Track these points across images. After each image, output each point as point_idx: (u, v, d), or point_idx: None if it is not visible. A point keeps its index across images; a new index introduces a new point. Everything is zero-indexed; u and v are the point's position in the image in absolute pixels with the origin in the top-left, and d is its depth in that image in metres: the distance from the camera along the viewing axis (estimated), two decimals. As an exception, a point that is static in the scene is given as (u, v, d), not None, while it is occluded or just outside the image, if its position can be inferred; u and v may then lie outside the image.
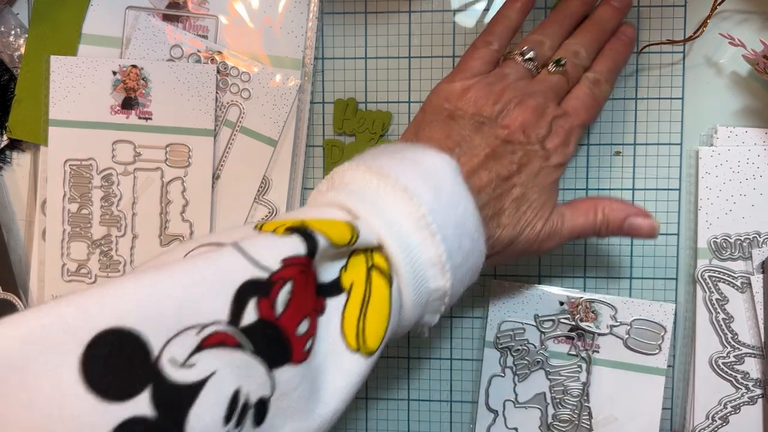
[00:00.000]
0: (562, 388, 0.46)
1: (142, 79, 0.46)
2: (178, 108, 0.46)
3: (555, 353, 0.47)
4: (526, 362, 0.46)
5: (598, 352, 0.46)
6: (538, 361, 0.46)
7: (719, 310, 0.45)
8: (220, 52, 0.47)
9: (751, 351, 0.45)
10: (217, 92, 0.46)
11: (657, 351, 0.46)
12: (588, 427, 0.46)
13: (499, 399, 0.47)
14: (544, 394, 0.47)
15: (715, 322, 0.45)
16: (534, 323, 0.46)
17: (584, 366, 0.46)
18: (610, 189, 0.46)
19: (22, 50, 0.48)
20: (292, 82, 0.47)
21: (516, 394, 0.47)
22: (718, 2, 0.43)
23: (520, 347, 0.46)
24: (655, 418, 0.46)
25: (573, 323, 0.46)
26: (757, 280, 0.44)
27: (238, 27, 0.47)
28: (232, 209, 0.48)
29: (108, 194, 0.47)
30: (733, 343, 0.45)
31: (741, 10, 0.45)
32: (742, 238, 0.45)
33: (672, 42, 0.45)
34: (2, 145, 0.49)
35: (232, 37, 0.47)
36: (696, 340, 0.45)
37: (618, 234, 0.40)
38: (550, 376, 0.46)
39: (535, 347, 0.47)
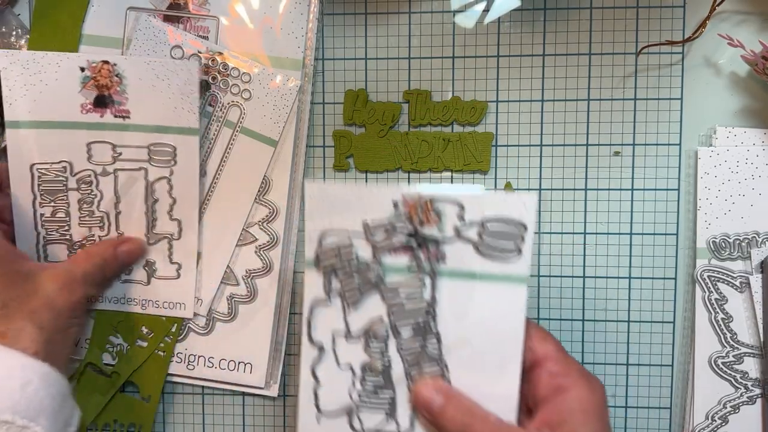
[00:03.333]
0: (403, 311, 0.38)
1: (116, 75, 0.44)
2: (159, 106, 0.44)
3: (392, 268, 0.38)
4: (356, 284, 0.38)
5: (444, 262, 0.38)
6: (372, 282, 0.38)
7: (718, 309, 0.45)
8: (220, 53, 0.47)
9: (750, 350, 0.45)
10: (211, 91, 0.46)
11: (516, 254, 0.38)
12: (437, 354, 0.39)
13: (327, 331, 0.39)
14: (381, 319, 0.39)
15: (714, 321, 0.45)
16: (364, 232, 0.38)
17: (428, 281, 0.38)
18: (609, 189, 0.47)
19: (24, 50, 0.48)
20: (293, 82, 0.47)
21: (347, 324, 0.39)
22: (717, 3, 0.43)
23: (348, 264, 0.38)
24: (517, 337, 0.38)
25: (411, 229, 0.38)
26: (756, 280, 0.44)
27: (239, 28, 0.47)
28: (233, 209, 0.48)
29: (86, 195, 0.45)
30: (732, 342, 0.45)
31: (740, 11, 0.45)
32: (741, 238, 0.45)
33: (671, 43, 0.45)
34: (4, 144, 0.49)
35: (233, 38, 0.47)
36: (695, 340, 0.45)
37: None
38: (386, 298, 0.38)
39: (367, 264, 0.38)
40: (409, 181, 0.48)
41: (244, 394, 0.50)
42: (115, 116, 0.44)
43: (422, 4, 0.47)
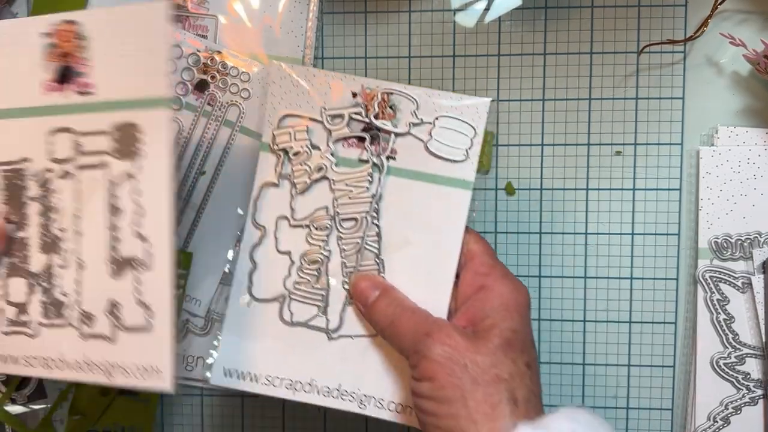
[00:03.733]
0: (348, 203, 0.38)
1: (79, 38, 0.34)
2: (126, 72, 0.34)
3: (343, 159, 0.39)
4: (306, 171, 0.38)
5: (394, 158, 0.38)
6: (322, 170, 0.38)
7: (720, 310, 0.45)
8: (219, 52, 0.47)
9: (752, 351, 0.45)
10: (210, 90, 0.40)
11: (463, 158, 0.38)
12: (376, 250, 0.39)
13: (272, 215, 0.39)
14: (327, 209, 0.39)
15: (716, 322, 0.45)
16: (320, 118, 0.38)
17: (377, 176, 0.38)
18: (610, 189, 0.46)
19: (21, 50, 0.48)
20: (292, 81, 0.46)
21: (292, 210, 0.39)
22: (718, 2, 0.43)
23: (301, 149, 0.38)
24: (456, 241, 0.38)
25: (366, 120, 0.38)
26: (758, 281, 0.44)
27: (238, 27, 0.47)
28: (232, 209, 0.47)
29: (47, 208, 0.35)
30: (734, 343, 0.45)
31: (742, 10, 0.45)
32: (743, 238, 0.45)
33: (672, 42, 0.45)
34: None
35: (232, 37, 0.47)
36: (697, 341, 0.45)
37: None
38: (334, 188, 0.38)
39: (320, 152, 0.38)
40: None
41: (243, 394, 0.50)
42: (79, 93, 0.35)
43: (422, 2, 0.47)
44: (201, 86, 0.47)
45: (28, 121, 0.35)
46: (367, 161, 0.38)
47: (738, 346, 0.45)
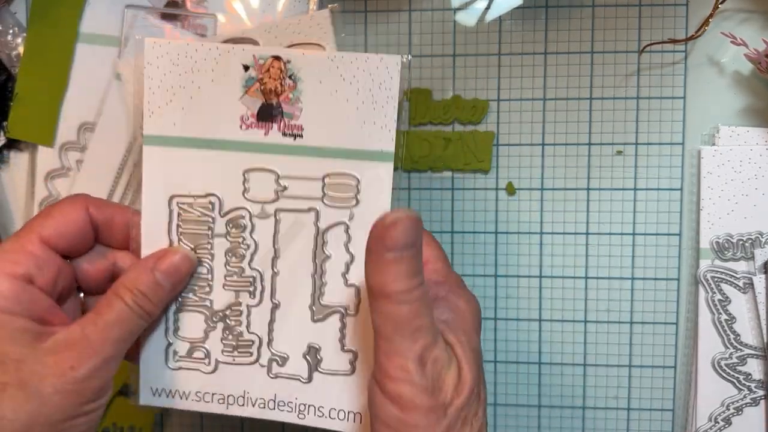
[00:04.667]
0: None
1: (289, 77, 0.32)
2: (341, 121, 0.32)
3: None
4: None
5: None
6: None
7: (721, 310, 0.45)
8: (219, 51, 0.46)
9: (753, 352, 0.44)
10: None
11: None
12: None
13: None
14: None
15: (717, 322, 0.45)
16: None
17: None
18: (611, 189, 0.46)
19: (20, 49, 0.48)
20: (292, 81, 0.46)
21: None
22: (719, 1, 0.43)
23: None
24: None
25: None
26: (759, 281, 0.44)
27: (237, 26, 0.47)
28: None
29: (236, 245, 0.33)
30: (735, 344, 0.45)
31: (743, 9, 0.45)
32: (745, 239, 0.44)
33: (673, 41, 0.45)
34: (0, 145, 0.49)
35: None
36: (698, 341, 0.45)
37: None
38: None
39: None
40: (409, 181, 0.47)
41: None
42: (284, 134, 0.33)
43: (422, 2, 0.47)
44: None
45: (224, 155, 0.33)
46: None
47: (739, 347, 0.45)
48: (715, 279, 0.45)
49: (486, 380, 0.48)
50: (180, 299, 0.34)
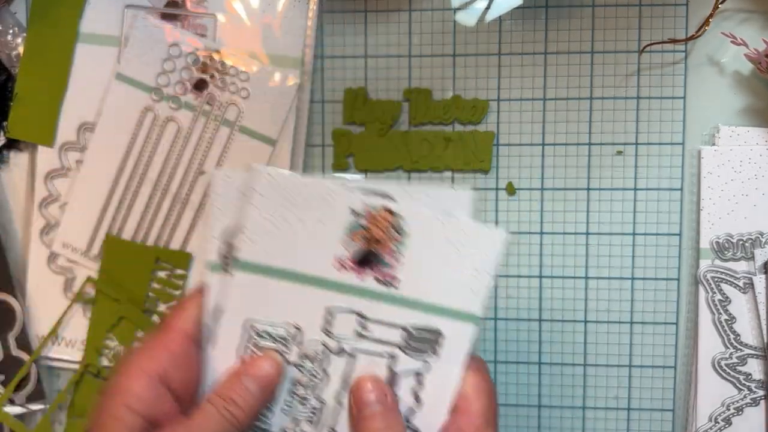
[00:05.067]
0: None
1: (396, 230, 0.32)
2: (438, 279, 0.33)
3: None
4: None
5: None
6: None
7: (722, 310, 0.45)
8: (218, 51, 0.46)
9: (753, 352, 0.44)
10: (209, 90, 0.43)
11: (472, 294, 0.33)
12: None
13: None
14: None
15: (717, 323, 0.45)
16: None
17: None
18: (611, 189, 0.46)
19: (20, 49, 0.48)
20: (292, 81, 0.46)
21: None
22: (720, 1, 0.43)
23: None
24: (453, 378, 0.33)
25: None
26: (759, 281, 0.44)
27: (237, 26, 0.47)
28: (231, 209, 0.47)
29: (308, 377, 0.33)
30: (735, 344, 0.45)
31: (743, 9, 0.45)
32: (745, 239, 0.44)
33: (674, 41, 0.45)
34: (0, 145, 0.49)
35: (231, 36, 0.47)
36: (698, 341, 0.45)
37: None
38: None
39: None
40: (409, 181, 0.47)
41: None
42: (378, 281, 0.32)
43: (423, 1, 0.47)
44: (200, 85, 0.47)
45: (313, 291, 0.32)
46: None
47: (739, 347, 0.45)
48: (716, 279, 0.45)
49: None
50: None
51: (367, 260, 0.32)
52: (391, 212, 0.32)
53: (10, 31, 0.48)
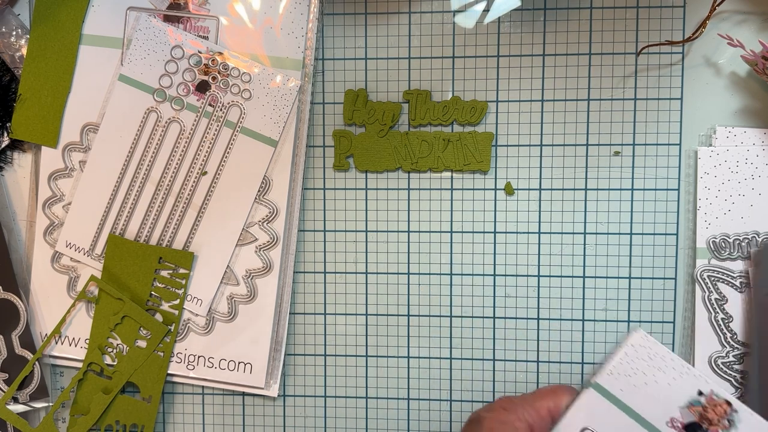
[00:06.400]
0: None
1: (728, 420, 0.39)
2: None
3: None
4: None
5: None
6: None
7: (718, 309, 0.45)
8: (220, 53, 0.47)
9: (750, 350, 0.45)
10: (211, 91, 0.43)
11: None
12: None
13: None
14: None
15: (714, 321, 0.45)
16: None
17: None
18: (609, 189, 0.47)
19: (24, 51, 0.48)
20: (293, 82, 0.47)
21: None
22: (717, 3, 0.43)
23: None
24: None
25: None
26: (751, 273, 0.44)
27: (239, 28, 0.47)
28: (233, 209, 0.48)
29: None
30: (732, 342, 0.45)
31: (740, 11, 0.45)
32: (741, 238, 0.45)
33: (671, 43, 0.45)
34: (3, 146, 0.49)
35: (233, 38, 0.47)
36: (695, 340, 0.45)
37: None
38: None
39: None
40: (408, 181, 0.48)
41: (244, 394, 0.50)
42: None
43: (422, 4, 0.47)
44: (202, 87, 0.47)
45: (636, 428, 0.39)
46: None
47: (736, 345, 0.45)
48: (712, 278, 0.45)
49: (485, 379, 0.48)
50: None
51: (691, 429, 0.39)
52: (729, 404, 0.38)
53: (14, 33, 0.48)
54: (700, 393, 0.39)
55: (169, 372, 0.49)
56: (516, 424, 0.38)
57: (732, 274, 0.45)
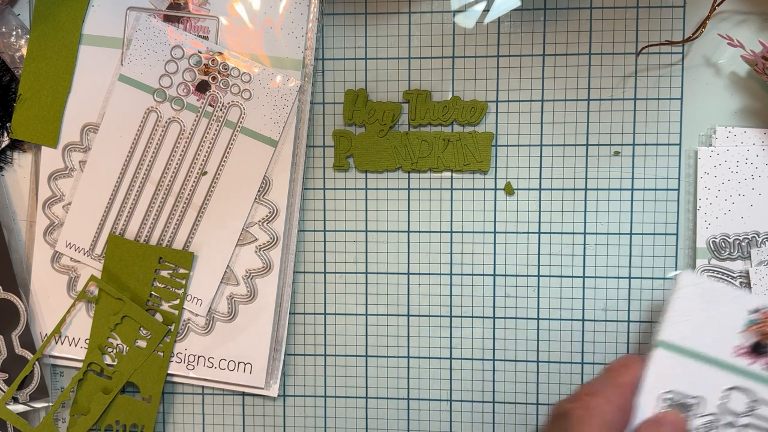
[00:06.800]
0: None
1: None
2: None
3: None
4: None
5: None
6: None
7: (718, 309, 0.45)
8: (220, 53, 0.47)
9: (749, 350, 0.45)
10: (211, 91, 0.43)
11: None
12: None
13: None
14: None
15: (714, 321, 0.45)
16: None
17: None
18: (608, 189, 0.47)
19: (24, 51, 0.48)
20: (293, 82, 0.47)
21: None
22: (717, 3, 0.43)
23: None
24: None
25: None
26: (755, 272, 0.44)
27: (239, 28, 0.47)
28: (233, 209, 0.48)
29: None
30: (732, 342, 0.45)
31: (740, 11, 0.45)
32: (741, 238, 0.45)
33: (671, 43, 0.45)
34: (3, 146, 0.49)
35: (233, 38, 0.47)
36: (695, 340, 0.45)
37: None
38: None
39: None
40: (408, 181, 0.48)
41: (244, 394, 0.50)
42: (765, 368, 0.39)
43: (422, 4, 0.47)
44: (202, 87, 0.47)
45: (713, 370, 0.39)
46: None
47: (736, 346, 0.45)
48: (712, 278, 0.45)
49: (485, 379, 0.48)
50: None
51: (757, 350, 0.39)
52: None
53: (14, 33, 0.48)
54: (752, 311, 0.39)
55: (169, 372, 0.49)
56: (604, 408, 0.37)
57: (732, 274, 0.45)
